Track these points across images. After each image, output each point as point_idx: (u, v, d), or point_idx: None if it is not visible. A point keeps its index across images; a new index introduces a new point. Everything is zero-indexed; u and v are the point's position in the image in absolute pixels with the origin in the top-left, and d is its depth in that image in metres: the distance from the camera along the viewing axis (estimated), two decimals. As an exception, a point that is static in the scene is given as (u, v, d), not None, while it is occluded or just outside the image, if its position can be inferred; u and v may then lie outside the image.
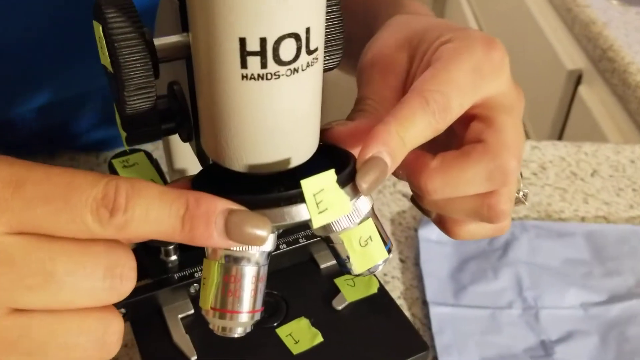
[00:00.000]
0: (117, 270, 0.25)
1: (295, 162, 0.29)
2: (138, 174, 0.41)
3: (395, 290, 0.53)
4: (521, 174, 0.36)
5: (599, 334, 0.51)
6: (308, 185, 0.27)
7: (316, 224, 0.28)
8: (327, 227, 0.31)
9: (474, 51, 0.32)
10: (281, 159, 0.29)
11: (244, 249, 0.28)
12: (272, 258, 0.44)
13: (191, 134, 0.35)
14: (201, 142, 0.31)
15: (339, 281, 0.44)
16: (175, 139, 0.38)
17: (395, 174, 0.34)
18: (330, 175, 0.28)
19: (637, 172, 0.70)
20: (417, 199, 0.36)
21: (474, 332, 0.50)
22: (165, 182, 0.42)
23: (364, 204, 0.31)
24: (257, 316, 0.30)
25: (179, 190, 0.26)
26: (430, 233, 0.58)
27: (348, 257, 0.31)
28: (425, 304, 0.52)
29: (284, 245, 0.44)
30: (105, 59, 0.29)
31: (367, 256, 0.31)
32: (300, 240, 0.44)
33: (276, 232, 0.30)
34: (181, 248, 0.41)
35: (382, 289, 0.44)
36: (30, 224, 0.24)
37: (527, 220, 0.61)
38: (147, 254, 0.41)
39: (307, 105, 0.28)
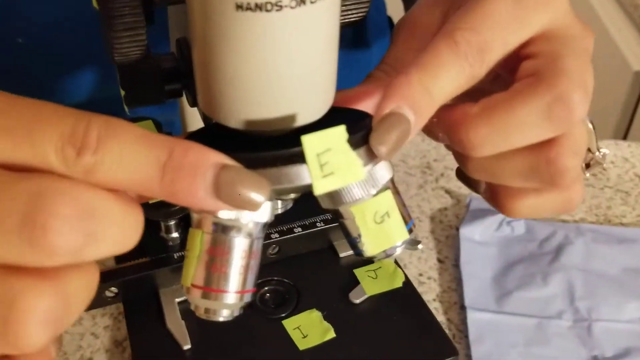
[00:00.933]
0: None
1: (302, 120, 0.25)
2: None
3: (431, 292, 0.49)
4: (593, 126, 0.30)
5: (663, 353, 0.45)
6: (310, 141, 0.23)
7: (318, 189, 0.23)
8: (335, 197, 0.26)
9: None
10: (284, 115, 0.25)
11: (234, 216, 0.24)
12: (285, 243, 0.40)
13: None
14: (197, 97, 0.27)
15: (359, 272, 0.41)
16: (189, 108, 0.34)
17: (434, 135, 0.29)
18: (339, 133, 0.23)
19: None
20: (462, 168, 0.30)
21: (518, 343, 0.45)
22: None
23: (382, 172, 0.26)
24: (248, 298, 0.25)
25: (165, 136, 0.22)
26: (473, 232, 0.53)
27: (360, 236, 0.27)
28: (463, 308, 0.48)
29: (299, 229, 0.40)
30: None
31: (383, 235, 0.26)
32: (318, 224, 0.40)
33: (273, 201, 0.26)
34: (184, 225, 0.38)
35: (407, 283, 0.39)
36: None
37: (583, 224, 0.56)
38: (146, 229, 0.38)
39: (318, 50, 0.24)
